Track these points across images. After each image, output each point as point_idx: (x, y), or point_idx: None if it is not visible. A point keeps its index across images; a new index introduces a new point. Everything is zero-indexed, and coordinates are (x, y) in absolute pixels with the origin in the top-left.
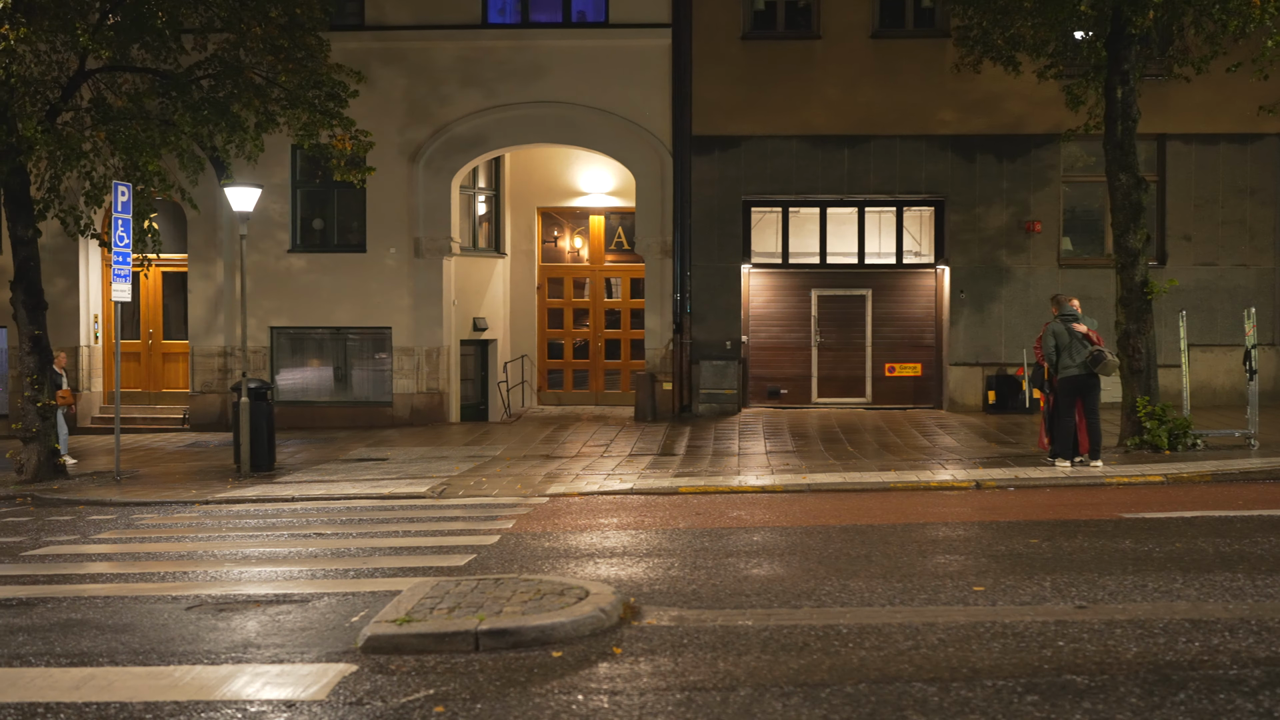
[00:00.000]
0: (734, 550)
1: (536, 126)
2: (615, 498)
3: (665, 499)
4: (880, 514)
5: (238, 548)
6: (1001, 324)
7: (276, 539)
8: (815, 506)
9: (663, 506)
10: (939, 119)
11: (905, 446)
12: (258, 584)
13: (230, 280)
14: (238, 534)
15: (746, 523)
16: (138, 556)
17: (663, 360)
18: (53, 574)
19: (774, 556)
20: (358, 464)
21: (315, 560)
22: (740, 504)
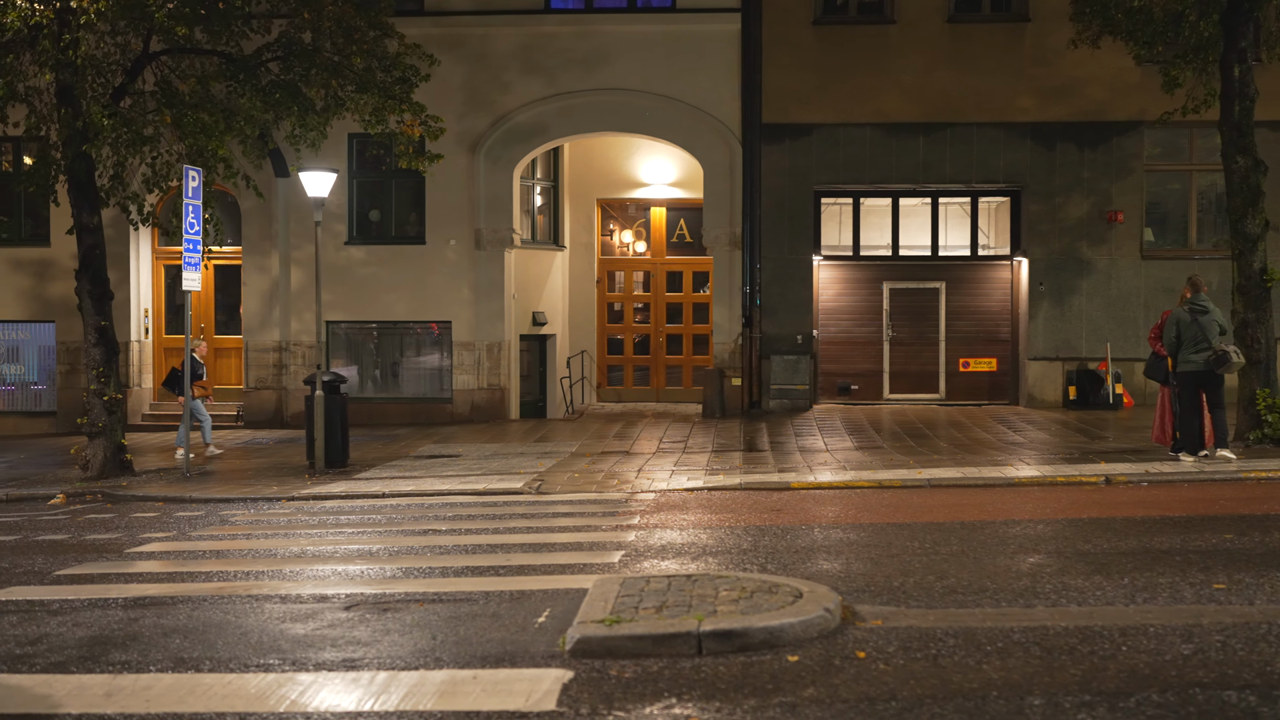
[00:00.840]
0: (902, 546)
1: (600, 115)
2: (726, 494)
3: (778, 495)
4: (1029, 509)
5: (355, 544)
6: (1082, 317)
7: (390, 535)
8: (951, 501)
9: (785, 502)
10: (1017, 106)
11: (999, 442)
12: (403, 582)
13: (285, 273)
14: (347, 530)
15: (893, 518)
16: (252, 554)
17: (731, 355)
18: (172, 571)
19: (953, 553)
20: (431, 460)
21: (449, 557)
22: (866, 500)
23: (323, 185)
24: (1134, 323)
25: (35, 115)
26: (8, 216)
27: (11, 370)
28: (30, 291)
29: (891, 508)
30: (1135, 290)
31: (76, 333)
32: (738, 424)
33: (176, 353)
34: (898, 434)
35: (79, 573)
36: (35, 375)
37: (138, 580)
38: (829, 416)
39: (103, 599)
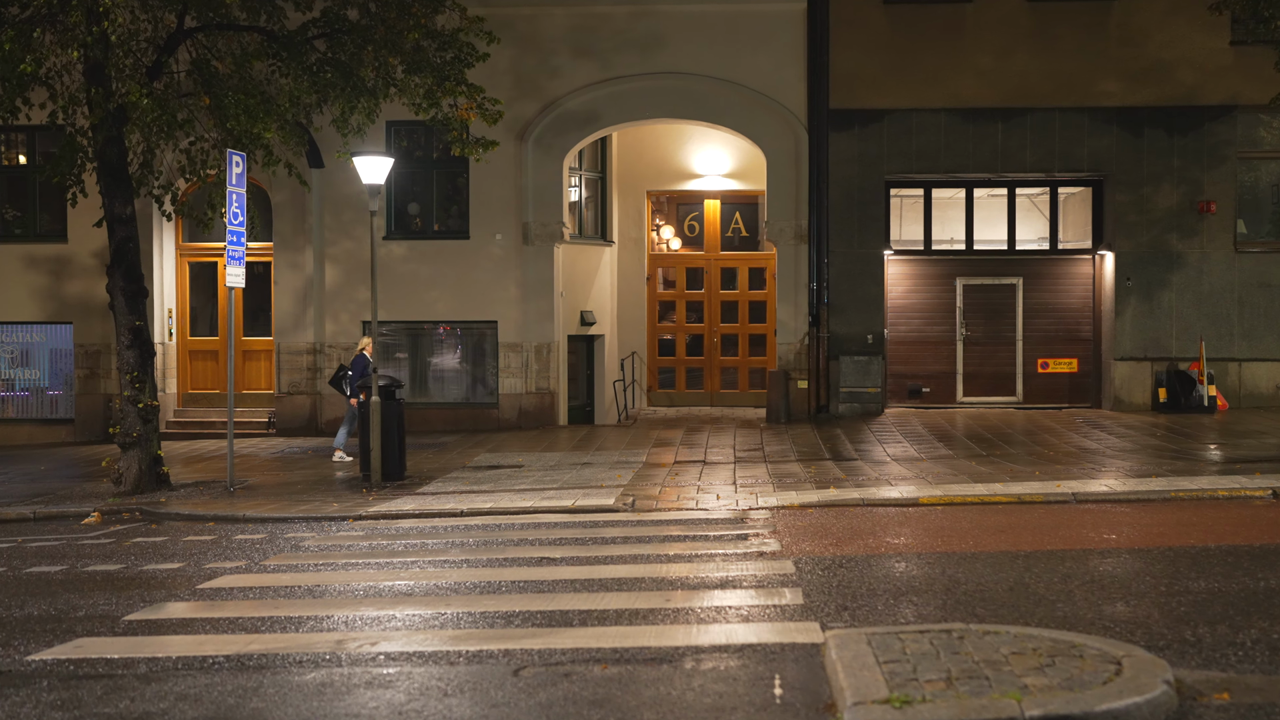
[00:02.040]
0: (1150, 582)
1: (655, 101)
2: (850, 511)
3: (913, 512)
4: (1251, 530)
5: (463, 575)
6: (1172, 315)
7: (496, 565)
8: (1125, 520)
9: (932, 520)
10: (1101, 89)
11: (1107, 450)
12: (559, 633)
13: (320, 271)
14: (443, 558)
15: (1087, 542)
16: (350, 592)
17: (796, 356)
18: (268, 616)
19: (1236, 592)
20: (493, 472)
21: (587, 595)
22: (1022, 518)
23: (378, 171)
24: (1227, 320)
25: (59, 99)
26: (21, 212)
27: (25, 375)
28: (46, 290)
29: (1070, 528)
30: (1228, 285)
31: (96, 335)
32: (810, 430)
33: (202, 355)
34: (991, 440)
35: (154, 618)
36: (49, 380)
37: (230, 629)
38: (905, 421)
39: (200, 658)
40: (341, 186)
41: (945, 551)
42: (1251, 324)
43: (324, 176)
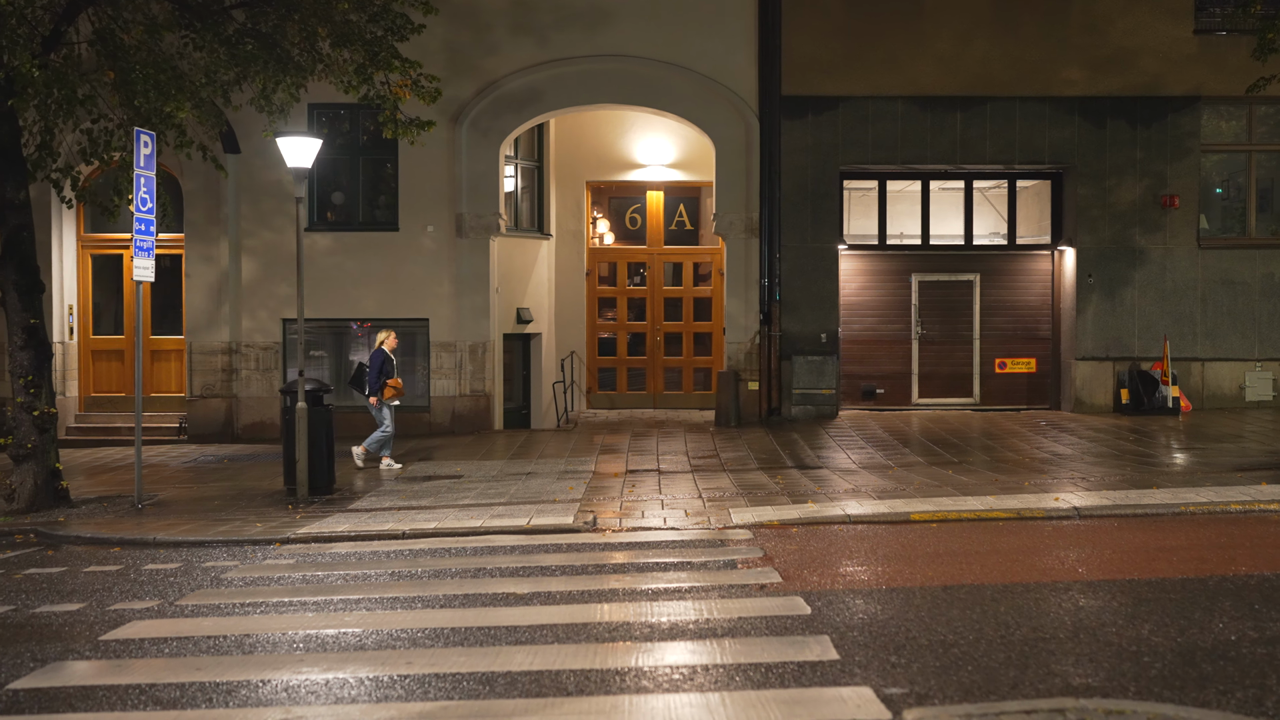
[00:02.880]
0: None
1: (600, 84)
2: (839, 530)
3: (911, 530)
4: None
5: (422, 621)
6: (1135, 313)
7: (458, 604)
8: (1138, 542)
9: (940, 541)
10: (1064, 78)
11: (1085, 456)
12: (554, 704)
13: (236, 264)
14: (389, 596)
15: (1132, 570)
16: (288, 644)
17: (747, 356)
18: (193, 683)
19: None
20: (430, 484)
21: (578, 649)
22: (1045, 538)
23: (304, 154)
24: (1190, 318)
25: None
26: None
27: None
28: None
29: (1098, 550)
30: (1191, 283)
31: None
32: (764, 434)
33: (107, 355)
34: (959, 445)
35: (45, 687)
36: None
37: (143, 702)
38: (863, 425)
39: None
40: (260, 173)
41: (974, 584)
42: (1215, 322)
43: (241, 163)
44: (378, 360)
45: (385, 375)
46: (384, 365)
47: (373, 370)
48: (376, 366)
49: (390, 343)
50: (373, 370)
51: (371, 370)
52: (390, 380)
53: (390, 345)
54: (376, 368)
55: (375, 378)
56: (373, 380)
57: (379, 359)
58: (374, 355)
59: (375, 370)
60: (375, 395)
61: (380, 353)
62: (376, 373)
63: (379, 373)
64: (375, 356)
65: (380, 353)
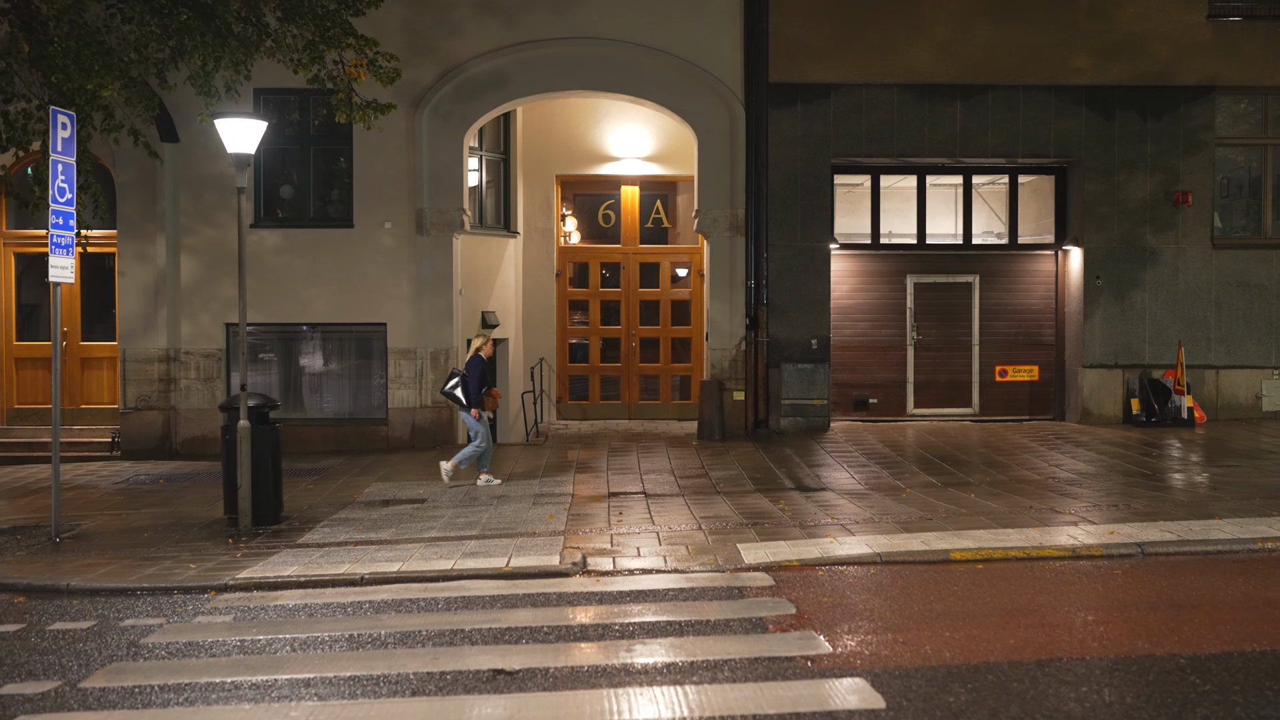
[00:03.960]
0: None
1: (572, 68)
2: (873, 572)
3: (954, 573)
4: None
5: (393, 713)
6: (1145, 316)
7: (435, 689)
8: (1184, 589)
9: (999, 589)
10: (1071, 66)
11: (1111, 474)
12: None
13: (174, 263)
14: (352, 678)
15: (1249, 639)
16: None
17: (732, 364)
18: None
19: None
20: (389, 509)
21: None
22: (1098, 580)
23: (248, 138)
24: (1204, 323)
25: None
26: None
27: None
28: None
29: (1185, 607)
30: (1205, 285)
31: None
32: (754, 449)
33: (33, 364)
34: (969, 463)
35: None
36: None
37: None
38: (859, 438)
39: None
40: (201, 164)
41: (1075, 657)
42: (1230, 327)
43: (180, 152)
44: (476, 369)
45: (486, 385)
46: (484, 374)
47: (473, 380)
48: (476, 376)
49: (487, 349)
50: (473, 380)
51: (471, 380)
52: (491, 390)
53: (487, 352)
54: (476, 377)
55: (476, 388)
56: (474, 391)
57: (477, 367)
58: (471, 363)
59: (475, 380)
60: (477, 407)
61: (478, 360)
62: (478, 383)
63: (480, 383)
64: (473, 365)
65: (478, 360)
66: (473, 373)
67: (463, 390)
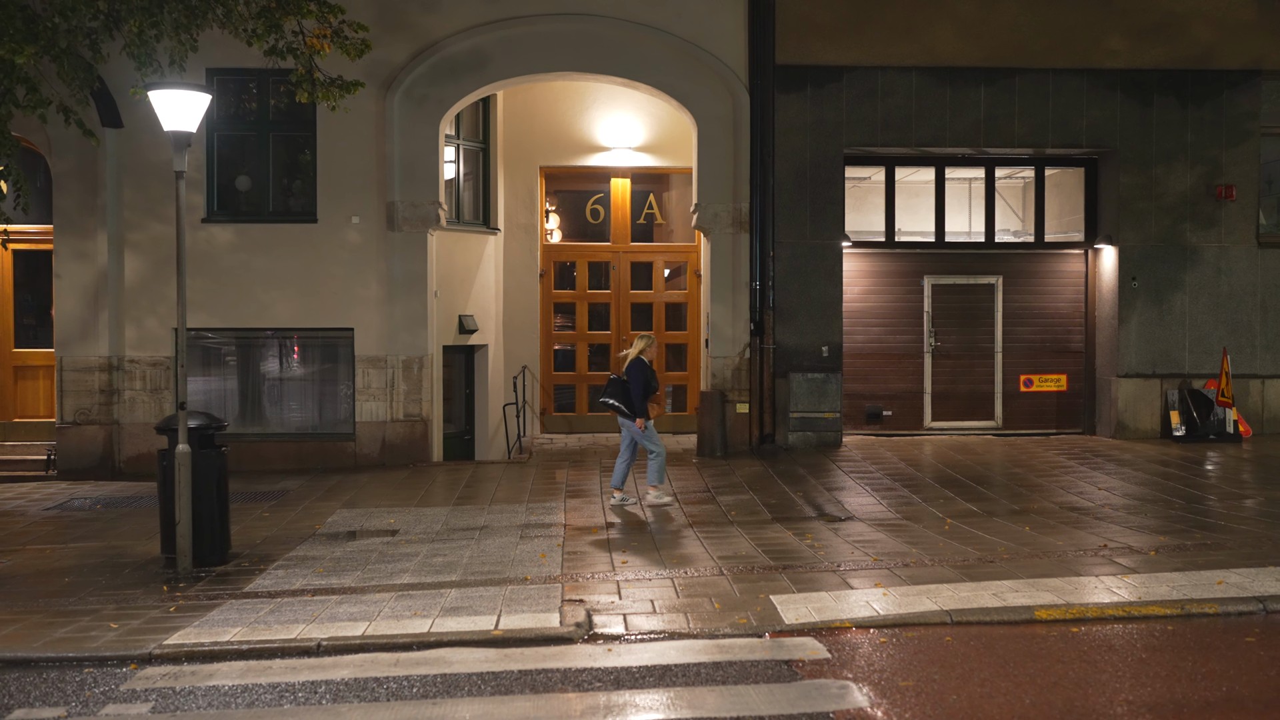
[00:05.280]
0: None
1: (559, 48)
2: (946, 637)
3: (1047, 638)
4: None
5: None
6: (1185, 321)
7: None
8: None
9: (1123, 669)
10: (1105, 47)
11: (1168, 499)
12: None
13: (117, 262)
14: None
15: None
16: None
17: (735, 373)
18: None
19: None
20: (355, 545)
21: None
22: (1259, 656)
23: (188, 113)
24: (1248, 328)
25: None
26: None
27: None
28: None
29: None
30: (1250, 287)
31: None
32: (762, 468)
33: None
34: (1007, 485)
35: None
36: None
37: None
38: (876, 455)
39: None
40: (147, 151)
41: None
42: (1277, 333)
43: (124, 139)
44: (639, 374)
45: (649, 390)
46: (648, 380)
47: (636, 386)
48: (640, 382)
49: (650, 352)
50: (636, 386)
51: (635, 386)
52: (654, 396)
53: (650, 355)
54: (641, 383)
55: (641, 396)
56: (638, 398)
57: (640, 372)
58: (633, 368)
59: (640, 386)
60: (643, 416)
61: (640, 364)
62: (641, 390)
63: (644, 389)
64: (635, 370)
65: (640, 364)
66: (635, 378)
67: (623, 398)
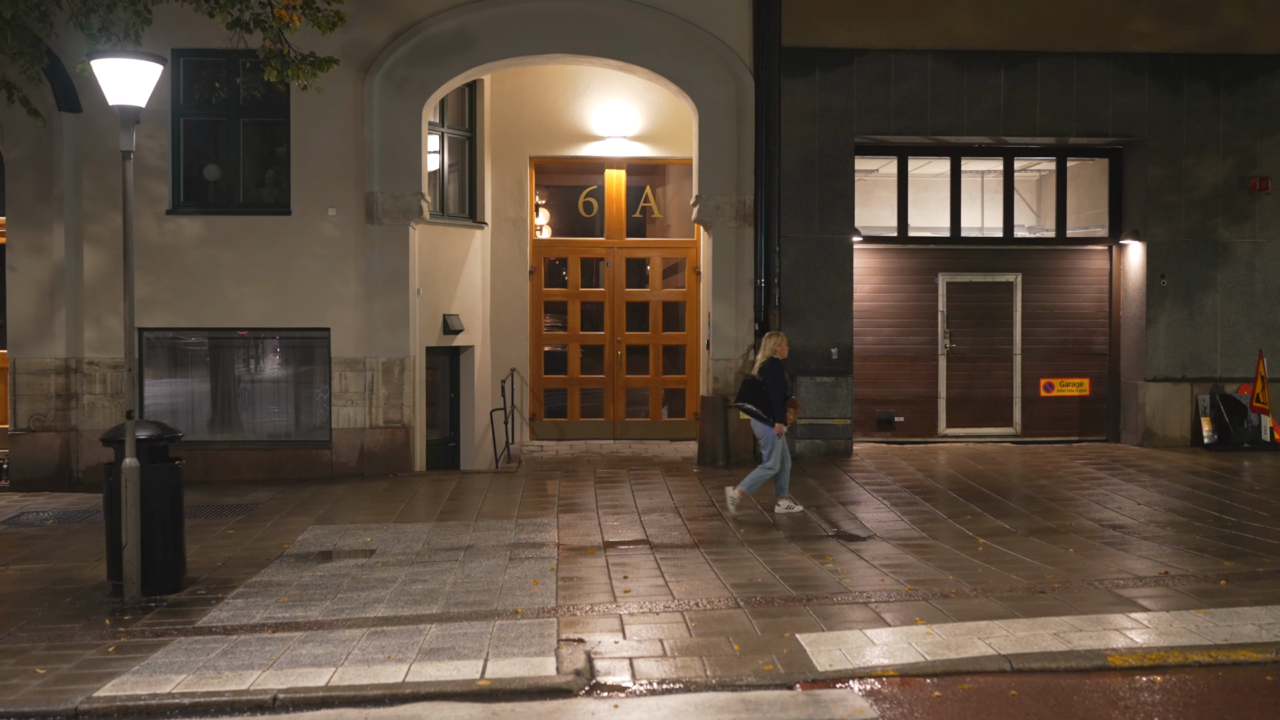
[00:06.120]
0: None
1: (550, 28)
2: (1017, 689)
3: (1129, 690)
4: None
5: None
6: (1217, 322)
7: None
8: None
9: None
10: (1132, 30)
11: (1219, 515)
12: None
13: (75, 257)
14: None
15: None
16: None
17: (738, 376)
18: None
19: None
20: (326, 568)
21: None
22: None
23: (135, 86)
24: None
25: None
26: None
27: None
28: None
29: None
30: None
31: None
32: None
33: None
34: (1035, 499)
35: None
36: None
37: None
38: (891, 464)
39: None
40: (108, 138)
41: None
42: None
43: (82, 125)
44: (777, 375)
45: (788, 392)
46: (786, 380)
47: (774, 388)
48: (780, 384)
49: (783, 350)
50: (774, 388)
51: (773, 389)
52: (791, 399)
53: (783, 353)
54: (780, 385)
55: (781, 399)
56: (777, 402)
57: (778, 373)
58: (768, 368)
59: (779, 388)
60: (782, 421)
61: (775, 364)
62: (781, 392)
63: (783, 391)
64: (771, 370)
65: (775, 364)
66: (773, 380)
67: (760, 402)
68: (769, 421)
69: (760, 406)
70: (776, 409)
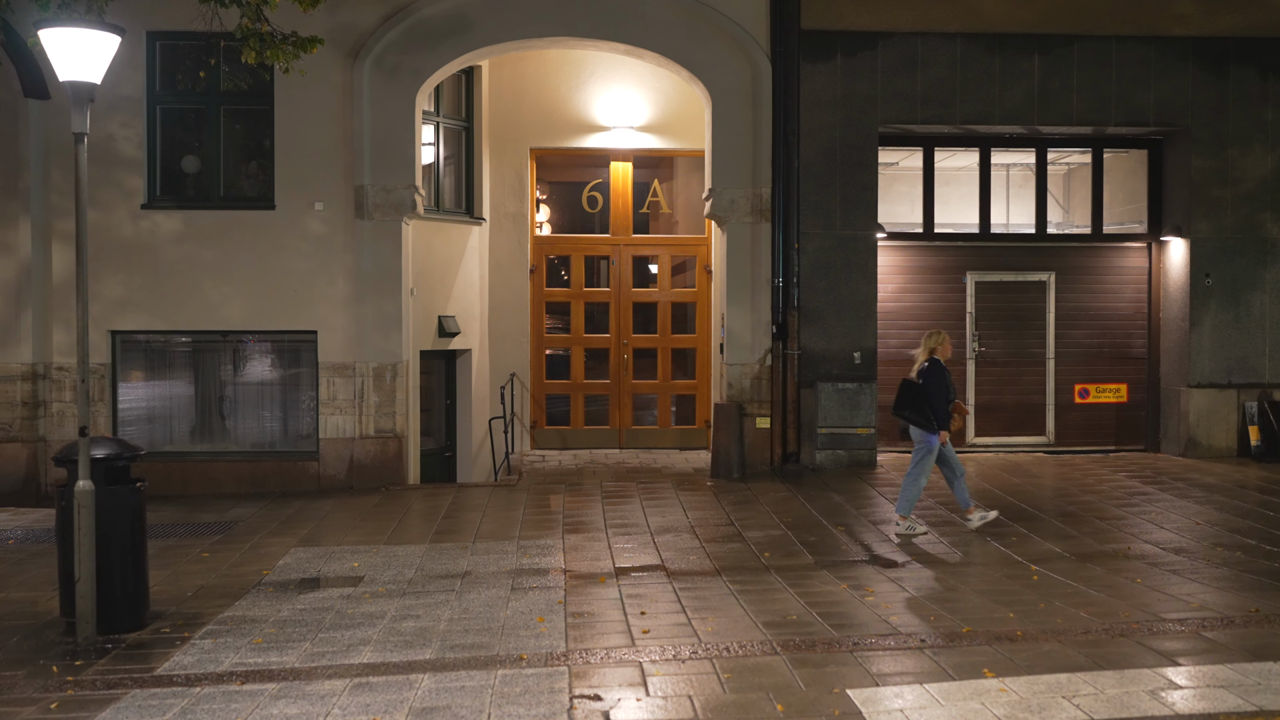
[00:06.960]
0: None
1: (552, 10)
2: None
3: None
4: None
5: None
6: (1265, 324)
7: None
8: None
9: None
10: (1174, 12)
11: None
12: None
13: (43, 255)
14: None
15: None
16: None
17: (754, 383)
18: None
19: None
20: (309, 599)
21: None
22: None
23: (89, 60)
24: None
25: None
26: None
27: None
28: None
29: None
30: None
31: None
32: (788, 495)
33: None
34: (1082, 518)
35: None
36: None
37: None
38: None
39: None
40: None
41: None
42: None
43: (50, 113)
44: (939, 379)
45: (946, 397)
46: (948, 383)
47: (936, 393)
48: (941, 388)
49: (944, 350)
50: (936, 393)
51: (934, 393)
52: (955, 403)
53: (944, 353)
54: (942, 389)
55: (944, 403)
56: (940, 408)
57: (940, 377)
58: (928, 371)
59: (941, 392)
60: (946, 428)
61: (936, 366)
62: (944, 396)
63: (945, 395)
64: (932, 374)
65: (936, 366)
66: (934, 384)
67: (917, 408)
68: (933, 430)
69: (917, 413)
70: (939, 415)
